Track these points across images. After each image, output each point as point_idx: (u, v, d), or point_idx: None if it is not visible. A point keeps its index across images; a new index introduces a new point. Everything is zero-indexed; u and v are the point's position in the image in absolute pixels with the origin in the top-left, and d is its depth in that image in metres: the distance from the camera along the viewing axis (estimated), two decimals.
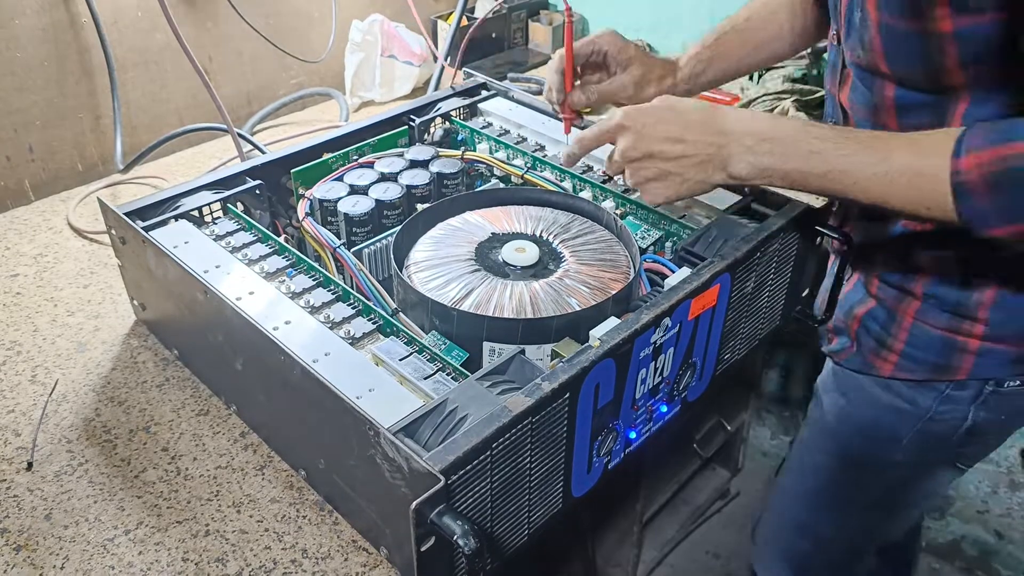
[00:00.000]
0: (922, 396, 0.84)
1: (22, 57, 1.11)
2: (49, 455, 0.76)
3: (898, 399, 0.86)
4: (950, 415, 0.84)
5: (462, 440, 0.56)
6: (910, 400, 0.85)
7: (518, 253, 0.80)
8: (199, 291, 0.73)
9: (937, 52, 0.67)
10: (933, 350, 0.81)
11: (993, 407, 0.83)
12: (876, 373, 0.86)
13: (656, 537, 1.59)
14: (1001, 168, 0.58)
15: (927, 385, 0.83)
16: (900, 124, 0.74)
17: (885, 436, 0.89)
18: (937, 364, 0.82)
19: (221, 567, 0.66)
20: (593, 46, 0.91)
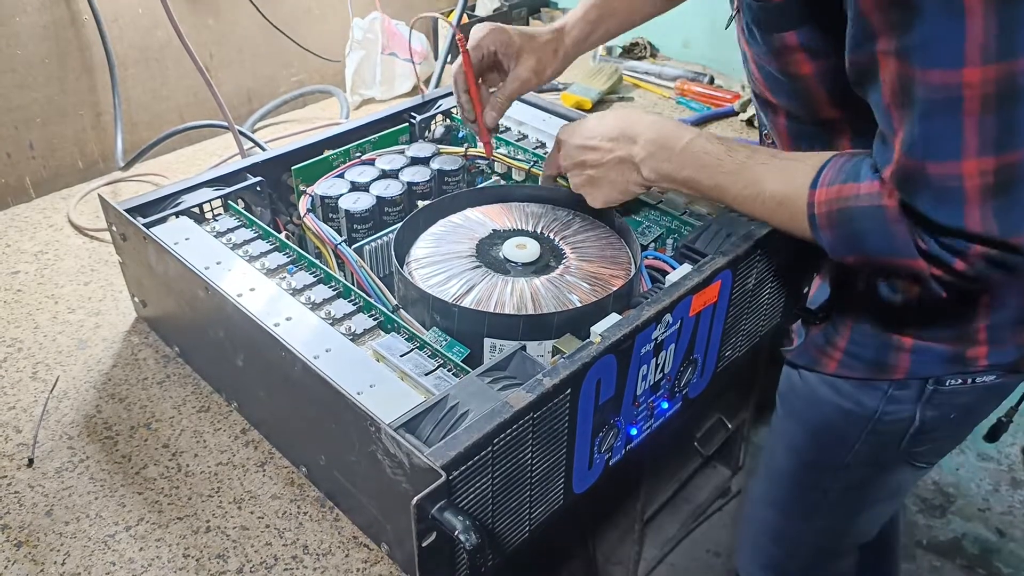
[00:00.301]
0: (867, 396, 0.86)
1: (23, 54, 1.11)
2: (50, 451, 0.76)
3: (845, 400, 0.87)
4: (897, 415, 0.85)
5: (463, 436, 0.56)
6: (856, 401, 0.87)
7: (519, 250, 0.80)
8: (200, 288, 0.73)
9: (805, 90, 0.71)
10: (871, 348, 0.83)
11: (939, 405, 0.84)
12: (821, 370, 0.88)
13: (657, 535, 1.59)
14: (841, 207, 0.61)
15: (870, 385, 0.85)
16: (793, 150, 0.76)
17: (836, 439, 0.91)
18: (876, 362, 0.83)
19: (222, 563, 0.66)
20: (481, 51, 0.90)
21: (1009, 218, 0.53)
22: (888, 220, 0.58)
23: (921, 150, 0.55)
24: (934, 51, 0.52)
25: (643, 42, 1.64)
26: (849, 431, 0.89)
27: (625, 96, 1.49)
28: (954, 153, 0.53)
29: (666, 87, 1.51)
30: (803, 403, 0.93)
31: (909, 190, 0.56)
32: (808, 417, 0.94)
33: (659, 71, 1.53)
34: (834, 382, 0.88)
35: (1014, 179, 0.52)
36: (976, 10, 0.50)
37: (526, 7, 1.69)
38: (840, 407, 0.88)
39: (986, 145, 0.52)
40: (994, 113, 0.52)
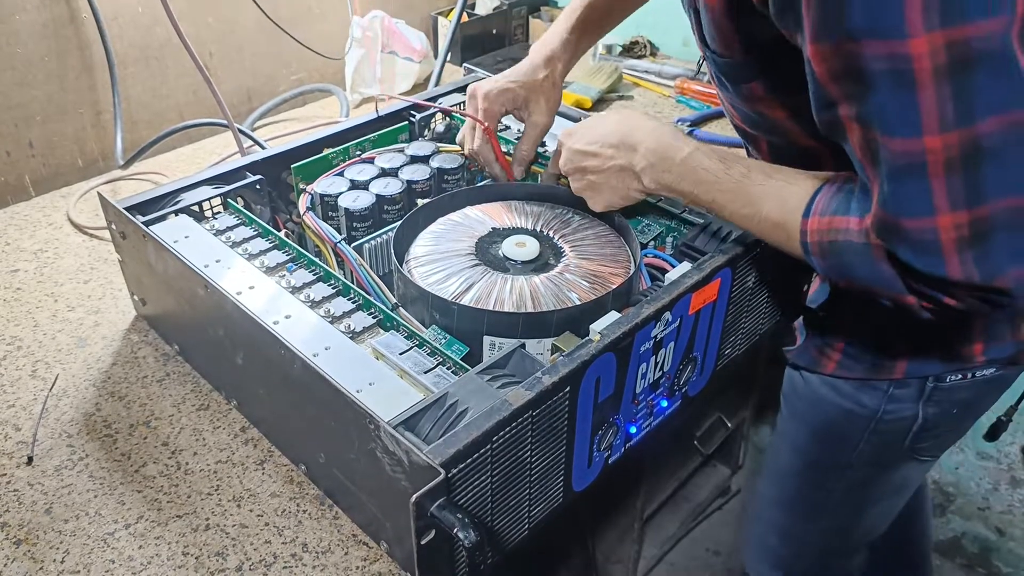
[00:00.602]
0: (867, 396, 0.86)
1: (23, 52, 1.11)
2: (49, 450, 0.76)
3: (846, 400, 0.88)
4: (898, 413, 0.86)
5: (462, 433, 0.56)
6: (857, 401, 0.87)
7: (518, 248, 0.80)
8: (199, 286, 0.73)
9: (784, 127, 0.73)
10: (869, 349, 0.83)
11: (940, 402, 0.84)
12: (821, 371, 0.88)
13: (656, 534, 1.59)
14: (831, 239, 0.62)
15: (870, 384, 0.85)
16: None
17: (838, 439, 0.91)
18: (874, 363, 0.84)
19: (221, 561, 0.66)
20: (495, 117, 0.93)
21: (988, 264, 0.53)
22: (875, 259, 0.59)
23: (894, 207, 0.55)
24: (891, 121, 0.53)
25: (643, 41, 1.64)
26: (851, 431, 0.89)
27: (625, 95, 1.49)
28: (927, 211, 0.53)
29: (666, 85, 1.51)
30: (805, 404, 0.93)
31: (889, 240, 0.56)
32: (811, 417, 0.94)
33: (659, 70, 1.53)
34: (834, 383, 0.88)
35: (988, 230, 0.53)
36: (927, 82, 0.50)
37: (526, 5, 1.69)
38: (841, 407, 0.88)
39: (957, 203, 0.52)
40: (960, 174, 0.52)
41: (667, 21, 1.64)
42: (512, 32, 1.68)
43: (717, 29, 0.69)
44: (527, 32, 1.71)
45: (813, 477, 0.98)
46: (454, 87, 1.11)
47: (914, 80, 0.51)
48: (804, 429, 0.96)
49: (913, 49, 0.50)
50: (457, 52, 1.57)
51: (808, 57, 0.56)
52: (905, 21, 0.49)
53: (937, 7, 0.49)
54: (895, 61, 0.51)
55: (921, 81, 0.50)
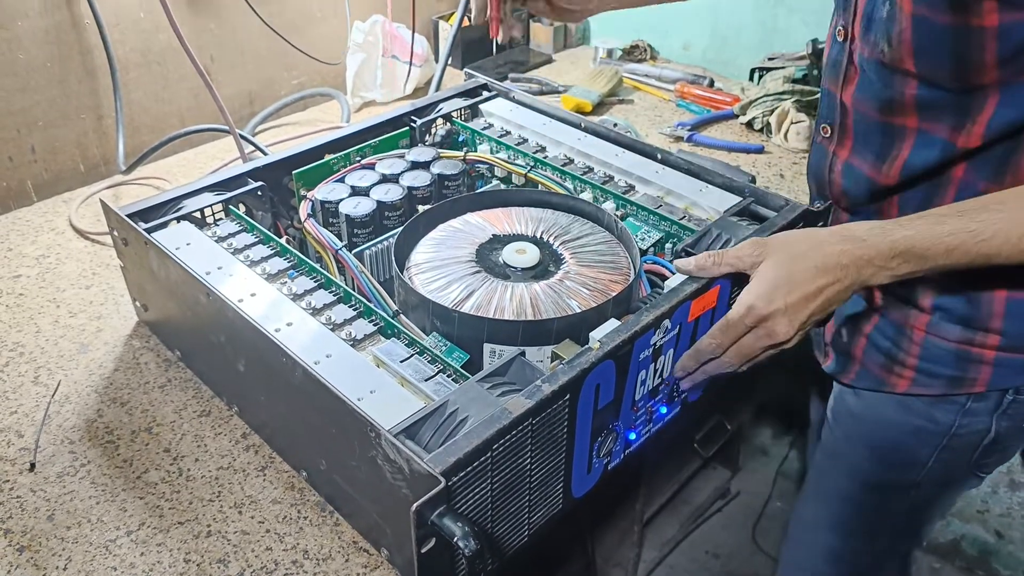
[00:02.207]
0: (941, 412, 0.81)
1: (25, 58, 1.11)
2: (51, 456, 0.76)
3: (916, 418, 0.83)
4: (972, 428, 0.82)
5: (463, 442, 0.57)
6: (929, 418, 0.82)
7: (519, 255, 0.80)
8: (201, 292, 0.73)
9: (975, 48, 0.65)
10: (948, 363, 0.79)
11: (1014, 415, 0.81)
12: (891, 390, 0.83)
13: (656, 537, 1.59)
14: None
15: (946, 400, 0.81)
16: (920, 121, 0.72)
17: (906, 459, 0.87)
18: (953, 377, 0.79)
19: (223, 568, 0.66)
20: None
21: None
22: None
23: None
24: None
25: (643, 44, 1.65)
26: (920, 449, 0.85)
27: (625, 98, 1.49)
28: None
29: (666, 90, 1.51)
30: (865, 424, 0.88)
31: None
32: (872, 438, 0.89)
33: (659, 73, 1.54)
34: (904, 400, 0.83)
35: None
36: None
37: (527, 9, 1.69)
38: (910, 425, 0.83)
39: None
40: None
41: (667, 25, 1.64)
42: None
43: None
44: (528, 36, 1.71)
45: (873, 499, 0.93)
46: (455, 92, 1.11)
47: None
48: (863, 450, 0.90)
49: None
50: (458, 56, 1.57)
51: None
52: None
53: None
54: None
55: None
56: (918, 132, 0.72)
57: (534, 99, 1.09)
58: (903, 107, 0.73)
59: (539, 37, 1.70)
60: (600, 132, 1.02)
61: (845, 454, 0.93)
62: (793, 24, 1.48)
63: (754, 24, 1.53)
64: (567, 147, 1.00)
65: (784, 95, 1.35)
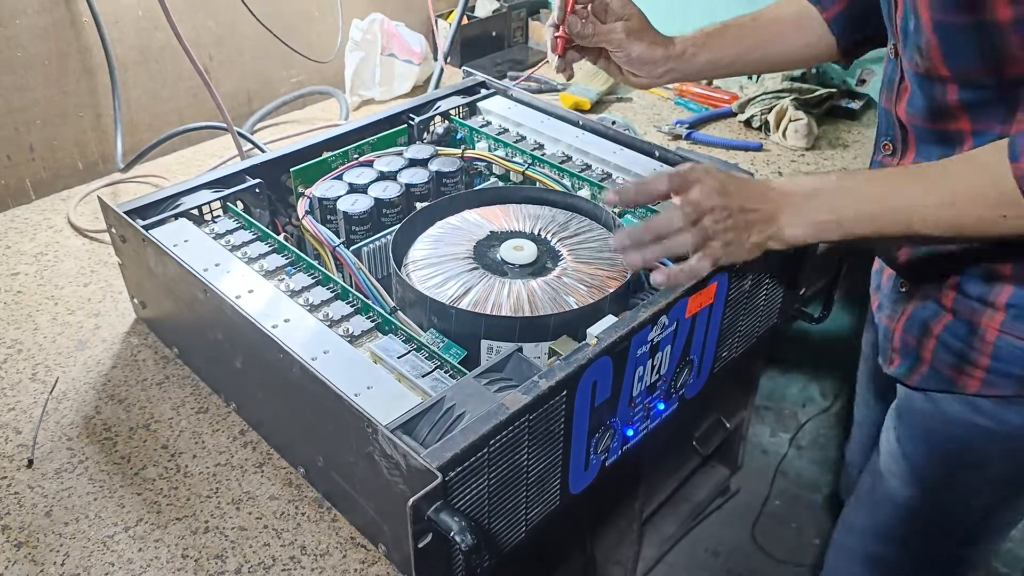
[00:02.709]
0: (1012, 413, 0.79)
1: (23, 56, 1.11)
2: (49, 452, 0.76)
3: (986, 419, 0.81)
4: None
5: (460, 437, 0.57)
6: (999, 419, 0.80)
7: (516, 251, 0.80)
8: (199, 289, 0.73)
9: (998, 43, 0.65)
10: (1021, 363, 0.77)
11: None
12: (961, 391, 0.81)
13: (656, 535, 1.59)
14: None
15: (1017, 400, 0.79)
16: (972, 123, 0.72)
17: (972, 460, 0.85)
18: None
19: (220, 564, 0.66)
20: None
21: None
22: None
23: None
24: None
25: None
26: (987, 451, 0.83)
27: (624, 96, 1.49)
28: None
29: (664, 88, 1.51)
30: (931, 425, 0.86)
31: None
32: (937, 438, 0.86)
33: None
34: (974, 401, 0.81)
35: None
36: None
37: (526, 8, 1.69)
38: (979, 426, 0.81)
39: None
40: None
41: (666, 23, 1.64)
42: (512, 34, 1.68)
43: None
44: (526, 34, 1.71)
45: (933, 504, 0.91)
46: (454, 90, 1.11)
47: None
48: (928, 452, 0.88)
49: None
50: (457, 54, 1.57)
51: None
52: None
53: None
54: None
55: None
56: (973, 134, 0.72)
57: (532, 97, 1.09)
58: (951, 113, 0.73)
59: (538, 36, 1.70)
60: (598, 129, 1.02)
61: (907, 456, 0.91)
62: None
63: None
64: (565, 144, 1.00)
65: (783, 93, 1.35)
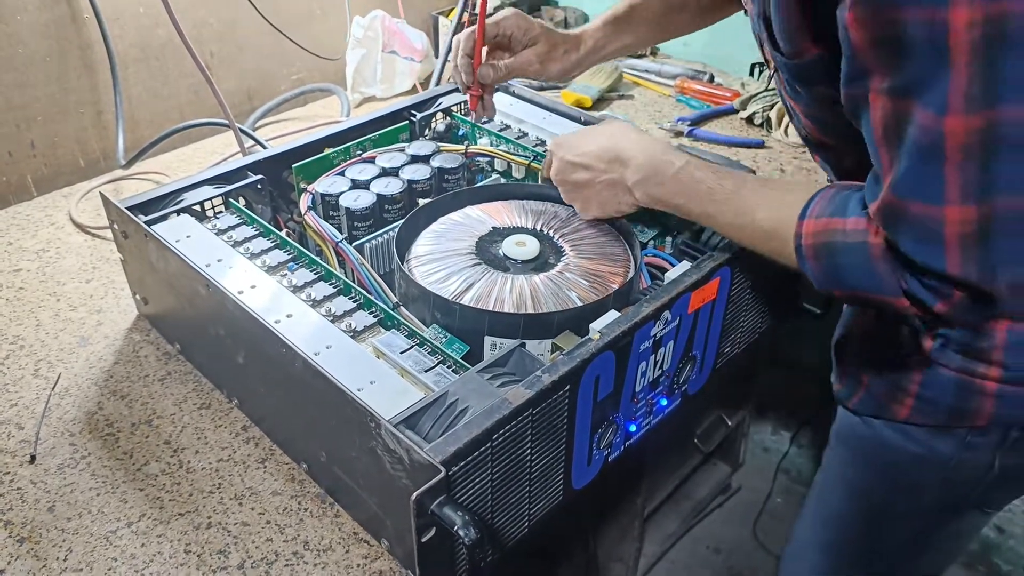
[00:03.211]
0: (942, 443, 0.78)
1: (24, 53, 1.11)
2: (52, 448, 0.76)
3: (917, 446, 0.80)
4: (974, 462, 0.78)
5: (462, 432, 0.57)
6: (929, 447, 0.79)
7: (519, 247, 0.80)
8: (201, 285, 0.73)
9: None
10: (949, 393, 0.75)
11: (1021, 453, 0.76)
12: (891, 417, 0.81)
13: (657, 531, 1.59)
14: (827, 240, 0.61)
15: (947, 431, 0.77)
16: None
17: (906, 484, 0.85)
18: (954, 408, 0.76)
19: (223, 559, 0.66)
20: (498, 28, 0.93)
21: (987, 265, 0.53)
22: (872, 257, 0.58)
23: (905, 189, 0.54)
24: (920, 93, 0.52)
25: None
26: (921, 478, 0.82)
27: (625, 94, 1.49)
28: (936, 197, 0.53)
29: (666, 85, 1.51)
30: (867, 446, 0.86)
31: (892, 227, 0.56)
32: (874, 462, 0.87)
33: (659, 69, 1.53)
34: (904, 427, 0.80)
35: (993, 229, 0.52)
36: (961, 57, 0.49)
37: (526, 5, 1.69)
38: (911, 452, 0.81)
39: (967, 194, 0.52)
40: (976, 163, 0.51)
41: None
42: None
43: (788, 23, 0.66)
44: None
45: (872, 523, 0.91)
46: (454, 86, 1.11)
47: (948, 52, 0.50)
48: (867, 474, 0.88)
49: (954, 18, 0.49)
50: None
51: (846, 24, 0.55)
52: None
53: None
54: (934, 29, 0.50)
55: (955, 55, 0.49)
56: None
57: (534, 93, 1.09)
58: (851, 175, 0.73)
59: None
60: None
61: (847, 476, 0.91)
62: None
63: None
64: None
65: None
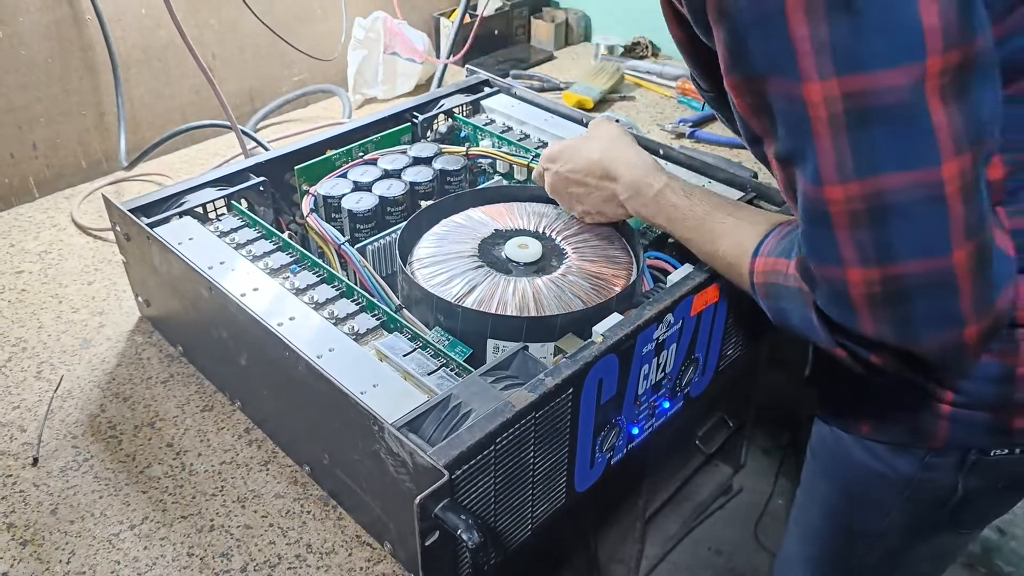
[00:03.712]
0: (902, 462, 0.78)
1: (26, 54, 1.11)
2: (55, 451, 0.76)
3: (879, 463, 0.80)
4: (936, 483, 0.77)
5: (466, 435, 0.57)
6: (890, 465, 0.79)
7: (521, 249, 0.80)
8: (203, 287, 0.73)
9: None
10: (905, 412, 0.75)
11: (984, 475, 0.75)
12: (856, 432, 0.81)
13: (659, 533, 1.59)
14: (772, 281, 0.61)
15: (906, 450, 0.77)
16: None
17: (871, 502, 0.84)
18: (912, 428, 0.75)
19: (226, 562, 0.66)
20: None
21: (903, 327, 0.52)
22: (806, 304, 0.57)
23: (807, 250, 0.54)
24: (798, 162, 0.52)
25: (644, 41, 1.64)
26: (884, 496, 0.82)
27: (627, 95, 1.49)
28: (835, 260, 0.52)
29: (667, 86, 1.51)
30: (836, 462, 0.86)
31: (810, 284, 0.55)
32: (841, 477, 0.86)
33: (660, 70, 1.53)
34: (869, 444, 0.80)
35: (904, 291, 0.50)
36: (823, 131, 0.49)
37: (528, 6, 1.69)
38: (874, 470, 0.80)
39: (867, 258, 0.51)
40: (867, 229, 0.50)
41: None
42: (514, 33, 1.68)
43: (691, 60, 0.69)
44: (528, 33, 1.71)
45: (844, 541, 0.91)
46: (456, 88, 1.11)
47: (810, 126, 0.49)
48: (835, 490, 0.88)
49: (808, 94, 0.48)
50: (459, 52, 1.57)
51: (728, 89, 0.55)
52: (797, 64, 0.48)
53: (829, 53, 0.47)
54: (793, 103, 0.50)
55: (817, 129, 0.49)
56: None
57: (536, 95, 1.09)
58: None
59: (540, 34, 1.70)
60: None
61: (820, 491, 0.91)
62: None
63: None
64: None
65: None
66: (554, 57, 1.67)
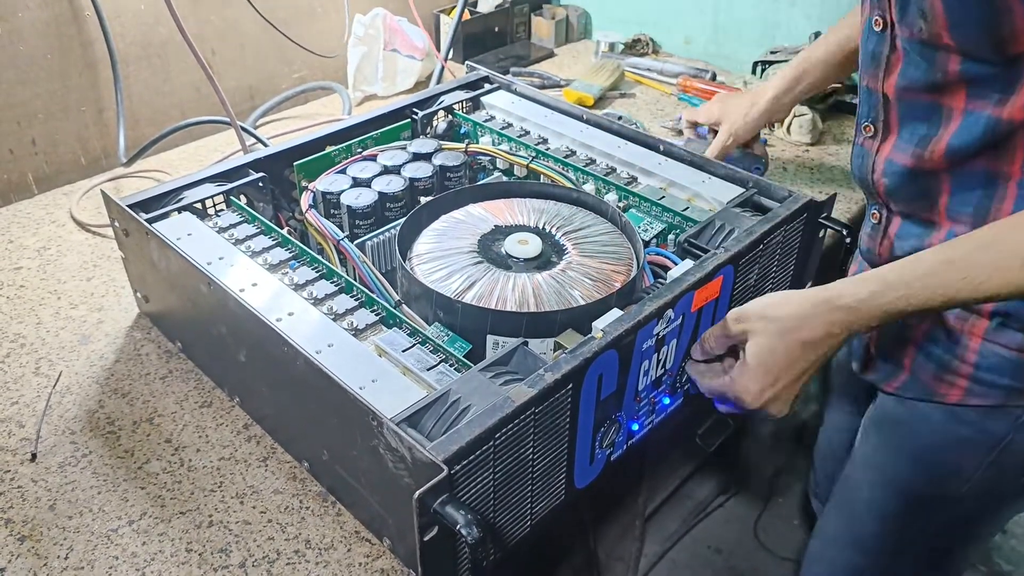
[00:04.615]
0: (995, 423, 0.77)
1: (25, 50, 1.11)
2: (53, 446, 0.76)
3: (966, 428, 0.79)
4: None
5: (465, 430, 0.56)
6: (980, 428, 0.78)
7: (521, 245, 0.80)
8: (202, 283, 0.73)
9: (1004, 15, 0.62)
10: (1007, 373, 0.75)
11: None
12: (941, 400, 0.79)
13: (658, 531, 1.59)
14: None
15: (1001, 410, 0.77)
16: (967, 100, 0.69)
17: (950, 470, 0.83)
18: (1012, 388, 0.75)
19: (224, 558, 0.66)
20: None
21: None
22: None
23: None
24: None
25: (645, 39, 1.64)
26: (967, 460, 0.81)
27: (627, 92, 1.49)
28: None
29: (668, 83, 1.51)
30: (908, 432, 0.84)
31: None
32: (914, 447, 0.85)
33: (661, 67, 1.53)
34: (954, 410, 0.79)
35: None
36: None
37: (528, 3, 1.69)
38: (958, 435, 0.79)
39: None
40: None
41: (669, 19, 1.64)
42: (514, 30, 1.68)
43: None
44: (529, 30, 1.71)
45: (910, 513, 0.89)
46: (456, 84, 1.11)
47: None
48: (905, 460, 0.87)
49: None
50: (459, 50, 1.57)
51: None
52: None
53: None
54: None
55: None
56: (964, 112, 0.70)
57: (536, 91, 1.09)
58: (950, 86, 0.70)
59: (540, 31, 1.70)
60: (602, 124, 1.02)
61: (883, 465, 0.89)
62: (795, 17, 1.47)
63: (756, 18, 1.53)
64: (569, 139, 1.00)
65: None
66: (554, 54, 1.67)
